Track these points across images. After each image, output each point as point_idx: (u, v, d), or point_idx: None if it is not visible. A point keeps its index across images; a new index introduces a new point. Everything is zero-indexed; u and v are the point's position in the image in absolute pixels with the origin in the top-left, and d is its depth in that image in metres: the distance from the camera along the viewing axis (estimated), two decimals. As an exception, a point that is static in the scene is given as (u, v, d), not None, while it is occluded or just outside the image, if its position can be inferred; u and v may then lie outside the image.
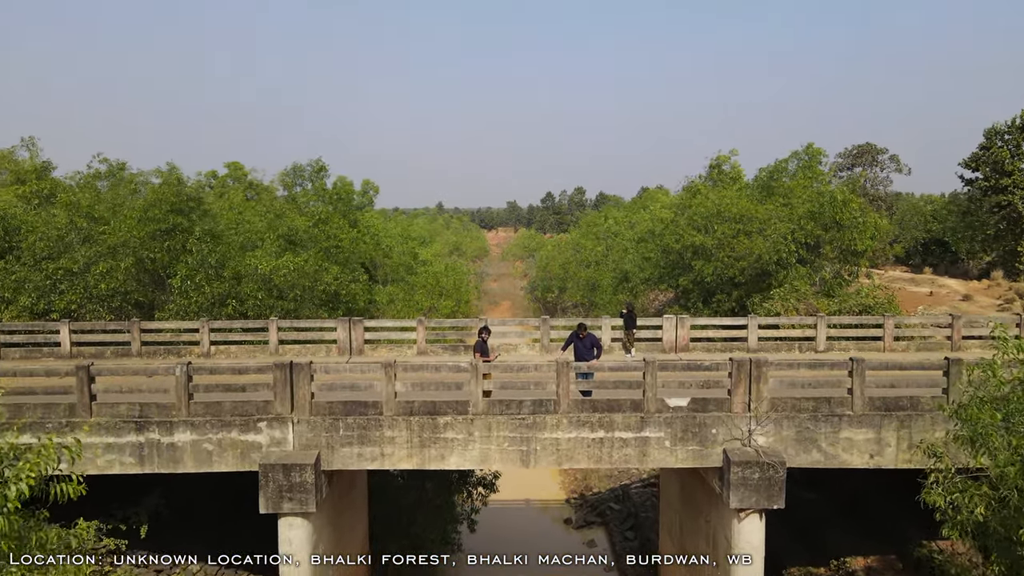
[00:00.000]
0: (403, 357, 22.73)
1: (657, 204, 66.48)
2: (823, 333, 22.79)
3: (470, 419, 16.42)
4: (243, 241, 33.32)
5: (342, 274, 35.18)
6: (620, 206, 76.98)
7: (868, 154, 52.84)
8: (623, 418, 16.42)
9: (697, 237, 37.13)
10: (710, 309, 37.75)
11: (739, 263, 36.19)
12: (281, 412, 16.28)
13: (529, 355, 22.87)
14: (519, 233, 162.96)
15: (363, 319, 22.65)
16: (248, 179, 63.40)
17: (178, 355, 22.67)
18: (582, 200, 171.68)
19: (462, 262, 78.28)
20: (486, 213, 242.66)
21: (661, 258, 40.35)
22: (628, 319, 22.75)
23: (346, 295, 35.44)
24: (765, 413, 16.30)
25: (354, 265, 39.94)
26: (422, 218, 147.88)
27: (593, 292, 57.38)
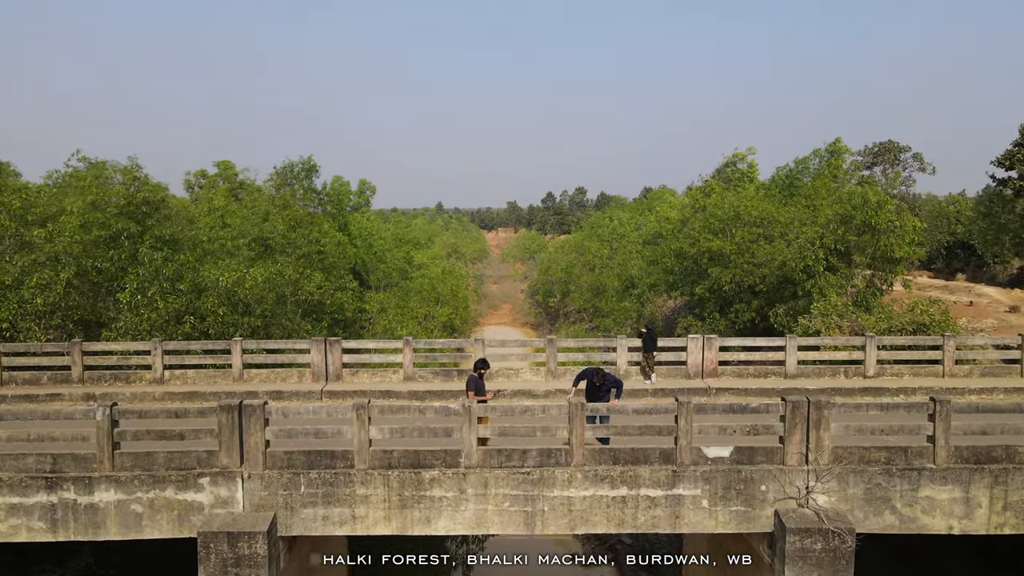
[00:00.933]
0: (387, 383, 19.56)
1: (664, 205, 63.35)
2: (873, 356, 19.61)
3: (462, 473, 13.24)
4: (218, 247, 30.20)
5: (326, 282, 31.99)
6: (625, 207, 73.82)
7: (890, 152, 49.68)
8: (651, 472, 13.24)
9: (714, 242, 33.95)
10: (727, 319, 34.60)
11: (760, 270, 33.02)
12: (228, 465, 13.09)
13: (533, 381, 19.68)
14: (519, 234, 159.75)
15: (340, 340, 19.47)
16: (239, 179, 60.28)
17: (127, 381, 19.49)
18: (583, 200, 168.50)
19: (460, 265, 75.09)
20: (486, 213, 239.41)
21: (674, 263, 37.20)
22: (647, 340, 19.58)
23: (332, 305, 32.26)
24: (827, 466, 13.12)
25: (342, 271, 36.76)
26: (421, 219, 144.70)
27: (597, 297, 54.21)
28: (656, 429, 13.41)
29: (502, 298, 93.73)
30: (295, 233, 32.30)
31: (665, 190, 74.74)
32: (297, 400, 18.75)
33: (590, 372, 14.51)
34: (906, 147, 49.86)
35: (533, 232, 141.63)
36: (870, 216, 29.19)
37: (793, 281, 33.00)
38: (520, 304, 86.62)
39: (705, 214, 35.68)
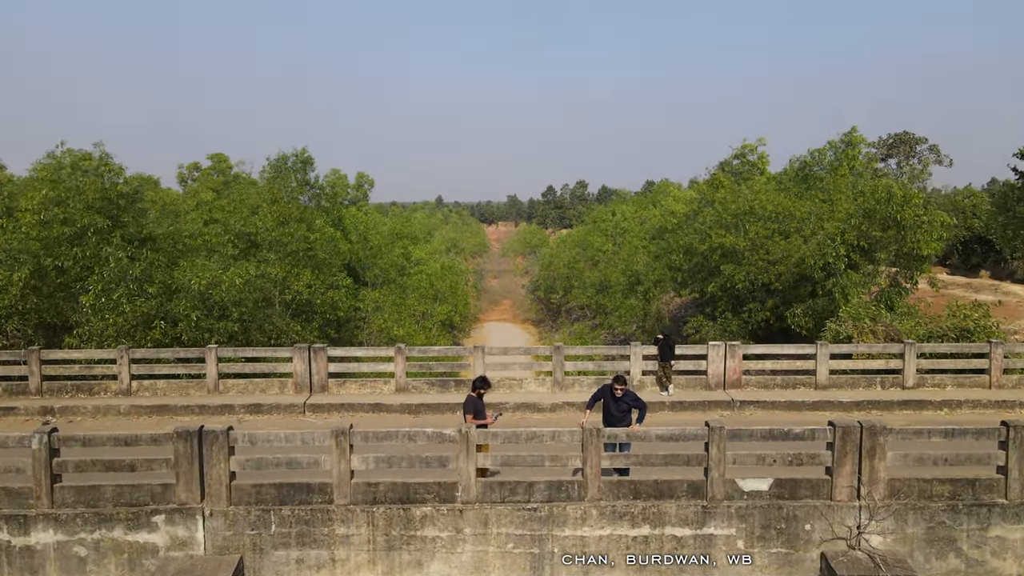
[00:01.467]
0: (377, 395, 17.68)
1: (668, 198, 61.35)
2: (912, 365, 17.72)
3: (459, 509, 11.38)
4: (202, 244, 28.30)
5: (317, 280, 30.10)
6: (629, 200, 71.83)
7: (905, 144, 47.69)
8: (677, 508, 11.38)
9: (727, 237, 32.04)
10: (740, 319, 32.72)
11: (775, 268, 31.13)
12: (187, 500, 11.23)
13: (538, 393, 17.79)
14: (520, 228, 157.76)
15: (326, 348, 17.57)
16: (233, 172, 58.22)
17: (90, 393, 17.61)
18: (584, 194, 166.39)
19: (460, 260, 73.17)
20: (486, 207, 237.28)
21: (683, 260, 35.29)
22: (664, 348, 17.70)
23: (322, 304, 30.37)
24: (882, 502, 11.26)
25: (335, 268, 34.86)
26: (420, 212, 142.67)
27: (602, 294, 52.32)
28: (684, 459, 11.54)
29: (503, 293, 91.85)
30: (284, 229, 30.38)
31: (668, 183, 72.74)
32: (278, 413, 16.89)
33: (607, 389, 12.60)
34: (922, 138, 47.92)
35: (534, 226, 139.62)
36: (895, 211, 27.28)
37: (811, 279, 31.10)
38: (521, 300, 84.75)
39: (716, 208, 33.74)
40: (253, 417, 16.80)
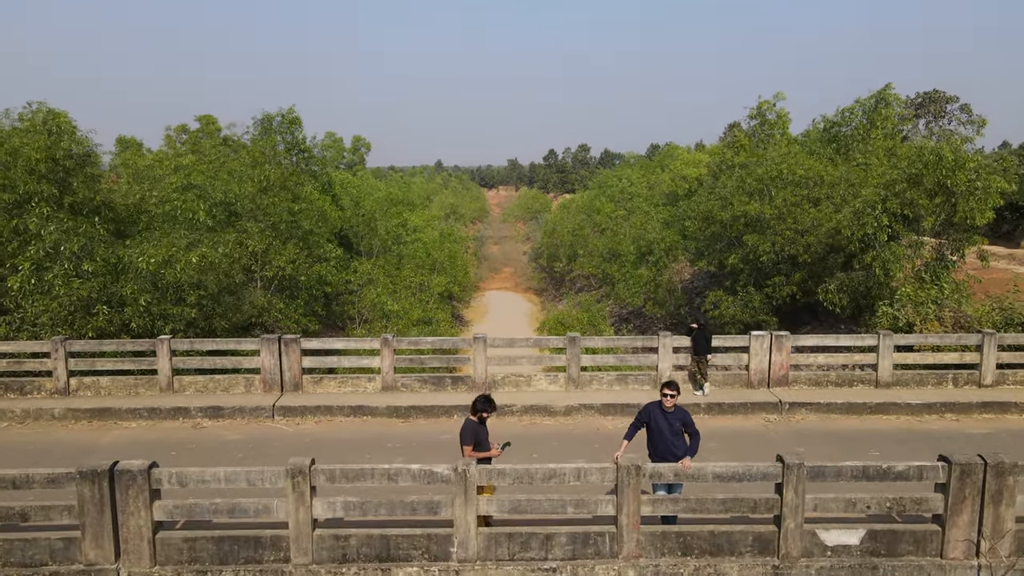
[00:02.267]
0: (359, 395, 14.89)
1: (677, 162, 58.10)
2: (992, 359, 14.90)
3: (454, 570, 8.67)
4: (172, 214, 25.33)
5: (299, 253, 27.18)
6: (637, 164, 68.38)
7: (935, 103, 44.26)
8: (740, 568, 8.67)
9: (751, 205, 29.01)
10: (763, 294, 29.88)
11: (803, 238, 28.19)
12: (96, 559, 8.51)
13: (549, 393, 15.00)
14: (521, 192, 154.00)
15: (299, 338, 14.72)
16: (222, 134, 54.75)
17: (20, 392, 14.81)
18: (586, 158, 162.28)
19: (459, 227, 70.03)
20: (486, 171, 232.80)
21: (701, 228, 32.33)
22: (699, 340, 14.88)
23: (308, 280, 27.51)
24: (1009, 560, 8.53)
25: (323, 239, 31.90)
26: (419, 177, 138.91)
27: (609, 263, 49.40)
28: (749, 504, 8.76)
29: (503, 260, 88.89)
30: (266, 197, 27.29)
31: (676, 147, 69.23)
32: (241, 418, 14.14)
33: (653, 408, 9.64)
34: (953, 97, 44.45)
35: (535, 191, 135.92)
36: (945, 176, 24.20)
37: (844, 251, 28.19)
38: (523, 267, 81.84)
39: (740, 173, 30.65)
40: (212, 422, 14.06)
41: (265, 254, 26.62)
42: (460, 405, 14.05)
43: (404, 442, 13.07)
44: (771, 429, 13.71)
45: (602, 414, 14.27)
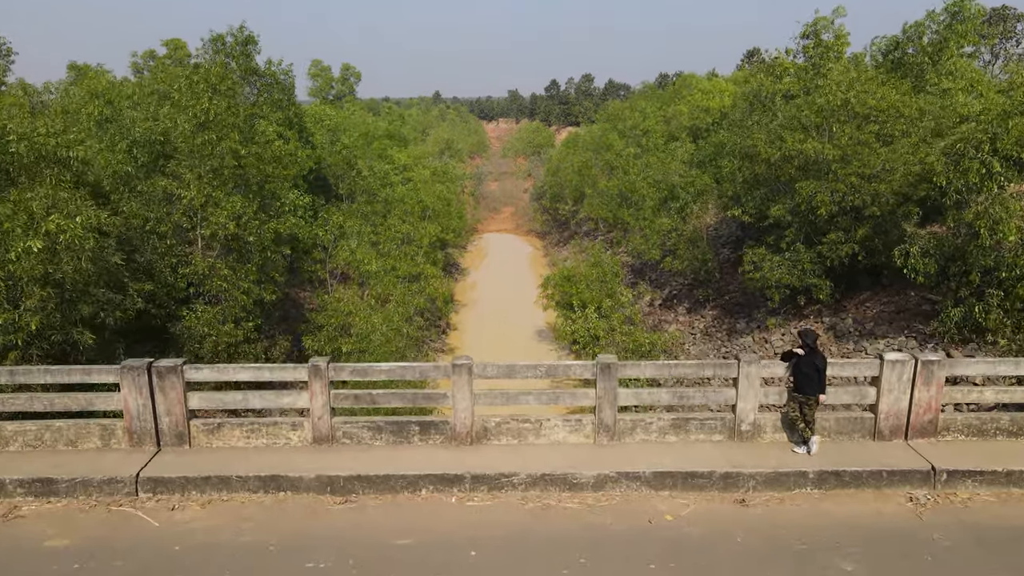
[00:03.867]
0: (277, 454, 9.59)
1: (696, 92, 51.40)
2: None
3: None
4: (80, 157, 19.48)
5: (248, 207, 21.51)
6: (652, 94, 61.44)
7: (1003, 21, 37.57)
8: None
9: (808, 143, 23.12)
10: (814, 253, 24.37)
11: (872, 186, 22.50)
12: None
13: (569, 447, 9.69)
14: (522, 125, 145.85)
15: (181, 365, 9.35)
16: (193, 61, 47.80)
17: None
18: (590, 88, 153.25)
19: (455, 164, 63.64)
20: (485, 103, 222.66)
21: (742, 170, 26.52)
22: (805, 370, 9.44)
23: (258, 240, 21.96)
24: None
25: (283, 186, 26.07)
26: (415, 109, 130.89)
27: (621, 207, 43.57)
28: None
29: (503, 199, 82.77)
30: (205, 135, 21.35)
31: (694, 75, 62.10)
32: (85, 497, 8.92)
33: None
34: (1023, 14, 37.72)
35: (537, 123, 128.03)
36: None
37: (926, 203, 22.57)
38: (524, 207, 75.84)
39: (798, 103, 24.62)
40: (38, 505, 8.84)
41: (204, 207, 21.00)
42: (433, 474, 8.85)
43: (337, 554, 7.86)
44: (925, 522, 8.46)
45: (653, 487, 9.02)
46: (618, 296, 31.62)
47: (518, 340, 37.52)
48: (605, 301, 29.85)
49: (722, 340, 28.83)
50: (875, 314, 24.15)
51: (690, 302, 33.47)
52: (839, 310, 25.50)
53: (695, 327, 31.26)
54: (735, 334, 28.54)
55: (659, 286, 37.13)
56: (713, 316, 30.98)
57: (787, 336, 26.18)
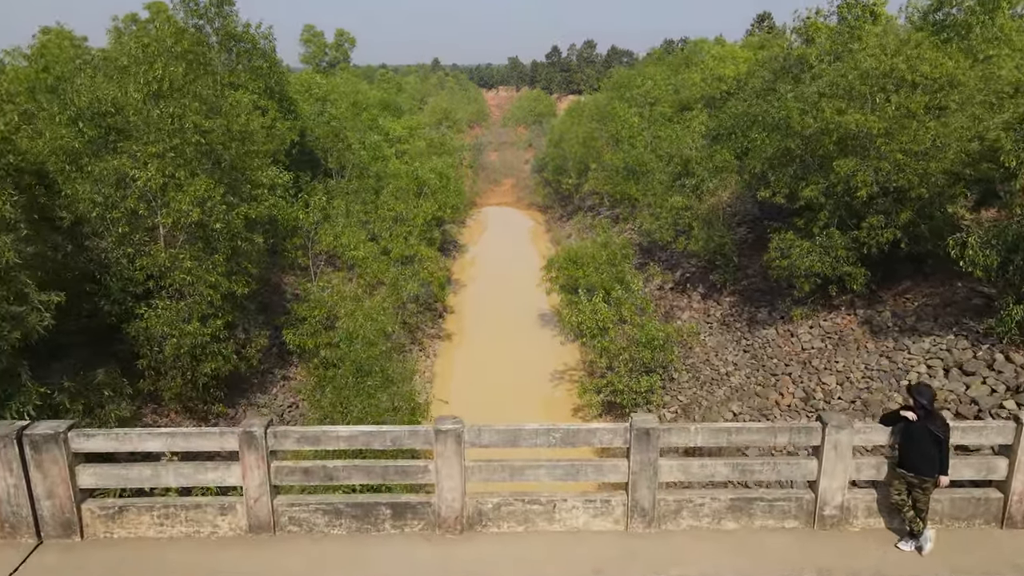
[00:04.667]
0: (201, 547, 7.05)
1: (709, 58, 48.03)
2: None
3: None
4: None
5: (215, 190, 18.80)
6: (661, 60, 57.96)
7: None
8: None
9: (851, 115, 20.27)
10: (848, 238, 21.71)
11: (921, 164, 19.76)
12: None
13: (590, 535, 7.15)
14: (522, 93, 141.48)
15: (64, 431, 6.81)
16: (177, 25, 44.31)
17: None
18: (592, 55, 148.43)
19: (453, 135, 60.44)
20: (485, 71, 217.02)
21: (770, 142, 23.66)
22: (918, 437, 6.84)
23: (226, 228, 19.29)
24: None
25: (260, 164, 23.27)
26: (412, 76, 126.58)
27: (629, 182, 40.69)
28: None
29: (504, 170, 79.61)
30: (163, 107, 18.48)
31: (704, 41, 58.53)
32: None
33: None
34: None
35: (538, 91, 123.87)
36: None
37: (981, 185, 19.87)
38: (525, 179, 72.74)
39: (835, 69, 21.71)
40: None
41: (164, 192, 18.27)
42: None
43: None
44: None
45: (708, 601, 6.50)
46: (629, 282, 29.00)
47: (519, 327, 35.04)
48: (615, 288, 27.22)
49: (742, 331, 26.28)
50: (917, 307, 21.54)
51: (705, 286, 30.85)
52: (874, 301, 22.89)
53: (711, 315, 28.68)
54: (756, 325, 25.97)
55: (670, 267, 34.48)
56: (731, 303, 28.39)
57: (815, 329, 23.62)
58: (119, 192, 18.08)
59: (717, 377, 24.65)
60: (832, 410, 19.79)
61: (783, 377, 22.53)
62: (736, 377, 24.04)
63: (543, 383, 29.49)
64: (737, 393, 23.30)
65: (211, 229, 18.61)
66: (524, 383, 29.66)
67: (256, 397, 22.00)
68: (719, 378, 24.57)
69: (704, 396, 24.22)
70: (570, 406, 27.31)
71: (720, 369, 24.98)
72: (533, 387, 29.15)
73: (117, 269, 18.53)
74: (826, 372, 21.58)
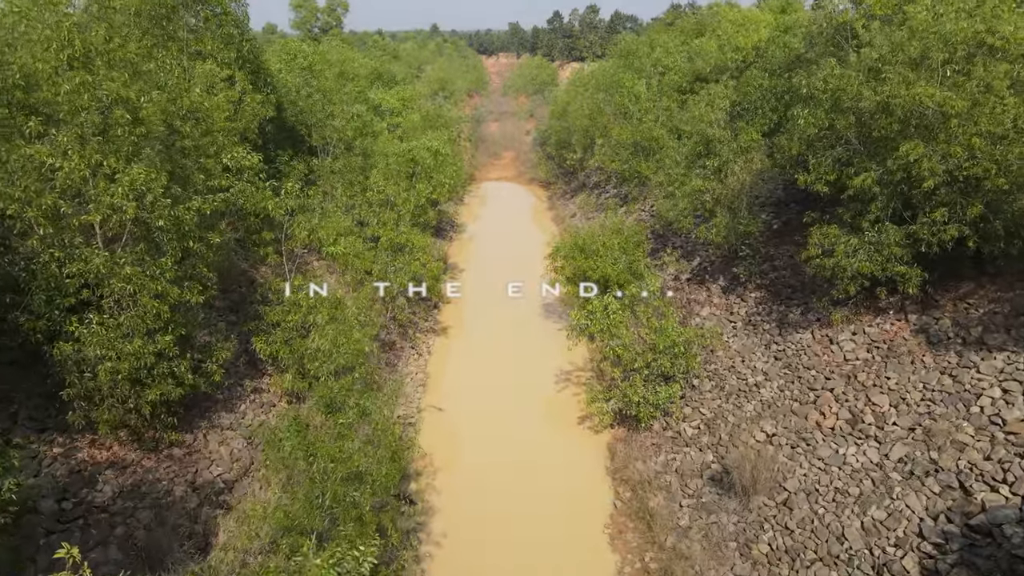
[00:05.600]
0: None
1: (726, 24, 44.12)
2: None
3: None
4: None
5: (155, 179, 15.50)
6: (672, 27, 53.73)
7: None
8: None
9: (921, 88, 16.83)
10: (904, 233, 18.49)
11: (1000, 149, 16.49)
12: None
13: None
14: (523, 61, 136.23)
15: None
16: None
17: None
18: (595, 21, 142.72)
19: (450, 106, 56.50)
20: (485, 36, 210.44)
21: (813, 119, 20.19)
22: None
23: (173, 224, 16.04)
24: None
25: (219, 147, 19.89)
26: (410, 43, 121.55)
27: (637, 158, 37.19)
28: None
29: (504, 142, 75.72)
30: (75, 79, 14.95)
31: (720, 5, 54.23)
32: None
33: None
34: None
35: (539, 59, 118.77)
36: None
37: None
38: (526, 152, 68.94)
39: (899, 33, 18.21)
40: None
41: (93, 184, 14.98)
42: None
43: None
44: None
45: None
46: (643, 274, 25.80)
47: (521, 317, 31.91)
48: (630, 285, 24.03)
49: (771, 334, 23.14)
50: (983, 315, 18.37)
51: (726, 278, 27.64)
52: (930, 306, 19.72)
53: (735, 313, 25.51)
54: (787, 327, 22.84)
55: (687, 254, 31.22)
56: (757, 300, 25.20)
57: (859, 336, 20.47)
58: (39, 185, 14.77)
59: (745, 388, 21.57)
60: (888, 438, 16.84)
61: (823, 393, 19.47)
62: (767, 389, 20.97)
63: (547, 385, 26.48)
64: (769, 409, 20.24)
65: (153, 227, 15.34)
66: (526, 385, 26.64)
67: (220, 417, 18.96)
68: (747, 389, 21.49)
69: (730, 410, 21.16)
70: (577, 412, 24.31)
71: (747, 378, 21.89)
72: (536, 390, 26.14)
73: (45, 276, 15.35)
74: (876, 390, 18.51)
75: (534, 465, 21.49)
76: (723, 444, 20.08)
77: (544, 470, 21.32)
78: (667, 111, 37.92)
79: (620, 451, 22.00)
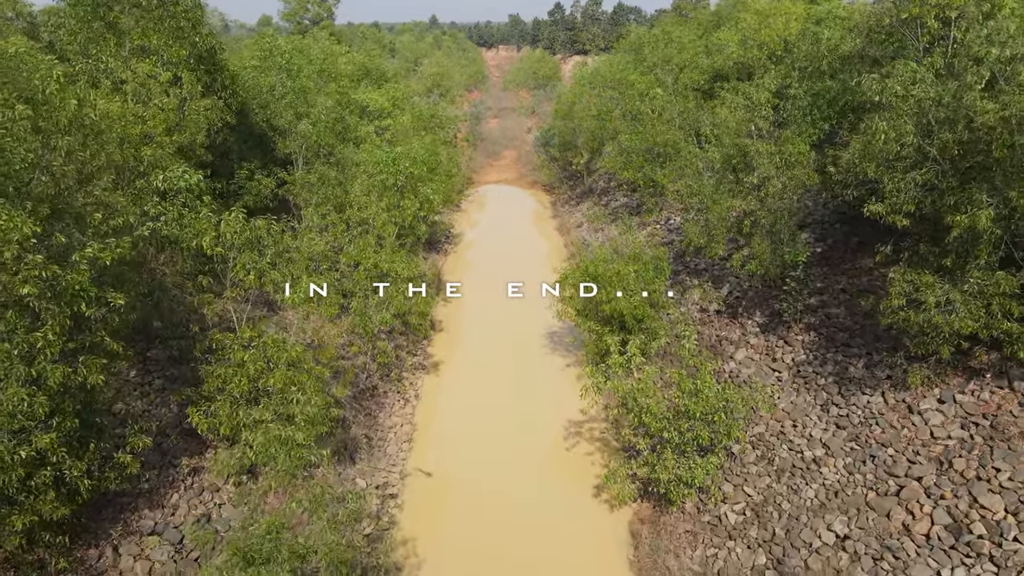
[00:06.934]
0: None
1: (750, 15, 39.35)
2: None
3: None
4: None
5: (20, 226, 11.00)
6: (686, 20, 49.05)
7: None
8: None
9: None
10: (978, 274, 14.12)
11: None
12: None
13: None
14: (523, 54, 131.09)
15: None
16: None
17: None
18: (597, 13, 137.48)
19: (446, 105, 51.80)
20: (484, 29, 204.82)
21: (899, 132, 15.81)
22: None
23: (50, 289, 11.49)
24: None
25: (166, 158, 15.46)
26: (407, 35, 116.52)
27: (652, 164, 32.69)
28: None
29: (504, 141, 71.02)
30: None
31: (734, -6, 49.40)
32: None
33: None
34: None
35: (541, 52, 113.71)
36: None
37: None
38: (527, 152, 64.26)
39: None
40: None
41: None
42: None
43: None
44: None
45: None
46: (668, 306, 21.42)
47: (524, 349, 27.49)
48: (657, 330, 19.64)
49: (828, 391, 18.74)
50: (1121, 391, 14.04)
51: (764, 313, 23.26)
52: (1041, 371, 15.37)
53: (778, 359, 21.12)
54: (848, 384, 18.45)
55: (714, 279, 26.84)
56: (805, 344, 20.82)
57: (948, 406, 16.11)
58: None
59: (801, 465, 17.20)
60: (1010, 561, 12.39)
61: (909, 483, 15.19)
62: (830, 469, 16.63)
63: (554, 438, 22.11)
64: (836, 498, 15.91)
65: (18, 294, 10.94)
66: (530, 438, 22.29)
67: (141, 517, 14.59)
68: (803, 467, 17.13)
69: (784, 494, 16.80)
70: (593, 479, 19.89)
71: (803, 451, 17.54)
72: (541, 445, 21.82)
73: None
74: (982, 486, 14.22)
75: (540, 560, 17.20)
76: (778, 543, 15.72)
77: (553, 565, 17.04)
78: (683, 113, 33.38)
79: (646, 537, 17.65)
